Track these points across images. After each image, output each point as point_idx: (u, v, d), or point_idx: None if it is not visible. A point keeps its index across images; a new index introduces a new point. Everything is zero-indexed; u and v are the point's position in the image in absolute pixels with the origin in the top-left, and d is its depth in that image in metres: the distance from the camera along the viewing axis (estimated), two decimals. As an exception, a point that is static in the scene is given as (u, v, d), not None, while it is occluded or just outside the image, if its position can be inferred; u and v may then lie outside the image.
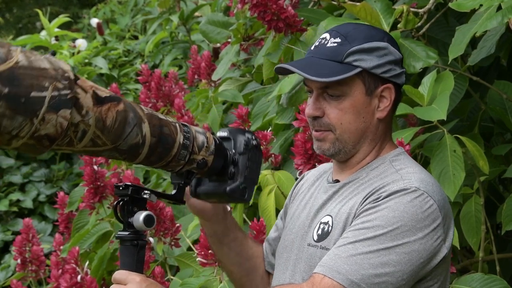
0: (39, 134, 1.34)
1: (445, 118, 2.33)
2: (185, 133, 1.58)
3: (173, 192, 1.66)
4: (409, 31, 2.66)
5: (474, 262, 2.76)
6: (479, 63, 2.71)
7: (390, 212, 1.60)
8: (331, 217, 1.71)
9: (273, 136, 2.89)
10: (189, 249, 3.22)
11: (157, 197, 1.62)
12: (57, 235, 3.84)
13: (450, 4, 2.44)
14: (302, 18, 2.94)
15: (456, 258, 2.87)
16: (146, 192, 1.58)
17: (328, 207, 1.75)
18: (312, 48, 1.77)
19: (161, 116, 1.55)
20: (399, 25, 2.60)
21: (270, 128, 2.98)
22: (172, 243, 3.03)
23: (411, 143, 2.42)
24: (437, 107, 2.37)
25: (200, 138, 1.62)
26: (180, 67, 6.44)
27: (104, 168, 3.83)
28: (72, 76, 1.38)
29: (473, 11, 2.34)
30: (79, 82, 1.40)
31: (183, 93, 4.51)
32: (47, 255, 4.26)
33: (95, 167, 3.42)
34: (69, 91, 1.36)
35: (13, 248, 4.14)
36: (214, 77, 3.82)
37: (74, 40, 7.44)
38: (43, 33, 7.41)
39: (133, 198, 1.58)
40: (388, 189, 1.64)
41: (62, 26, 7.64)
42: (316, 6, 3.25)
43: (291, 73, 1.79)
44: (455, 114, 2.75)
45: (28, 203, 6.18)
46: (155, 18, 6.43)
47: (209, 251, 2.64)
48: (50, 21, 7.25)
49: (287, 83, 2.71)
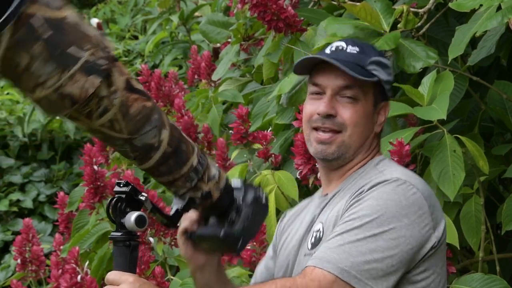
0: (63, 91, 1.34)
1: (445, 118, 2.34)
2: (200, 158, 1.56)
3: (171, 212, 1.63)
4: (409, 31, 2.66)
5: (474, 262, 2.75)
6: (479, 63, 2.71)
7: (374, 201, 1.64)
8: (322, 223, 1.74)
9: (273, 136, 2.89)
10: (188, 249, 3.22)
11: (152, 209, 1.59)
12: (57, 235, 3.83)
13: (450, 4, 2.44)
14: (302, 18, 2.94)
15: (456, 258, 2.86)
16: (144, 194, 1.57)
17: (320, 217, 1.78)
18: (327, 51, 1.80)
19: (183, 133, 1.55)
20: (399, 25, 2.60)
21: (270, 128, 2.98)
22: (172, 243, 3.03)
23: (411, 143, 2.42)
24: (437, 107, 2.37)
25: (213, 170, 1.60)
26: (180, 67, 6.43)
27: (104, 168, 3.83)
28: (112, 56, 1.39)
29: (473, 11, 2.34)
30: (117, 63, 1.41)
31: (183, 93, 4.50)
32: (47, 255, 4.25)
33: (95, 167, 3.41)
34: (106, 62, 1.37)
35: (13, 248, 4.13)
36: (214, 77, 3.82)
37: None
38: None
39: (130, 198, 1.56)
40: (371, 183, 1.68)
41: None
42: (316, 6, 3.24)
43: (307, 73, 1.82)
44: (455, 114, 2.75)
45: (28, 203, 6.18)
46: (155, 18, 6.43)
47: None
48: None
49: (287, 83, 2.71)
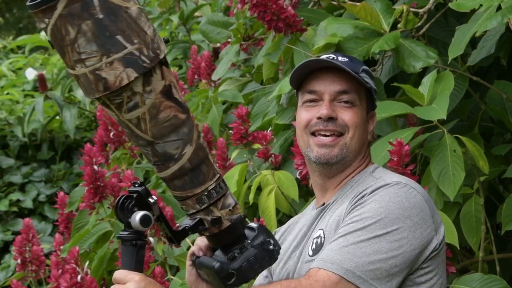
0: (100, 74, 1.37)
1: (445, 118, 2.34)
2: (218, 186, 1.56)
3: (180, 228, 1.63)
4: (409, 31, 2.66)
5: (474, 262, 2.75)
6: (479, 63, 2.71)
7: (376, 204, 1.65)
8: (322, 230, 1.75)
9: (273, 136, 2.89)
10: (189, 249, 3.22)
11: (159, 218, 1.59)
12: (57, 235, 3.83)
13: (450, 4, 2.44)
14: (302, 18, 2.94)
15: (456, 258, 2.86)
16: (154, 197, 1.57)
17: (319, 224, 1.79)
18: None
19: (211, 158, 1.55)
20: (399, 25, 2.60)
21: (270, 128, 2.98)
22: (172, 243, 3.03)
23: (411, 143, 2.42)
24: (437, 107, 2.37)
25: (230, 200, 1.59)
26: (180, 67, 6.43)
27: (104, 168, 3.83)
28: (161, 57, 1.41)
29: (473, 11, 2.34)
30: (164, 68, 1.43)
31: (183, 93, 4.51)
32: (47, 255, 4.25)
33: (95, 167, 3.41)
34: (148, 62, 1.39)
35: (13, 248, 4.13)
36: (214, 77, 3.82)
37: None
38: (43, 33, 7.40)
39: (140, 197, 1.56)
40: (372, 187, 1.70)
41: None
42: (316, 6, 3.24)
43: (297, 84, 1.82)
44: (455, 114, 2.75)
45: (28, 203, 6.18)
46: (155, 18, 6.42)
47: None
48: (50, 21, 7.24)
49: (287, 83, 2.70)
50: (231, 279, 1.62)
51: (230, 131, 3.08)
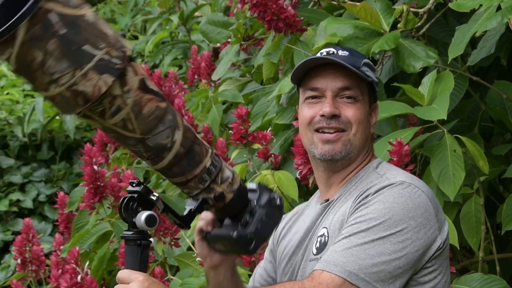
0: (76, 88, 1.35)
1: (446, 118, 2.34)
2: (213, 160, 1.56)
3: (184, 212, 1.64)
4: (409, 31, 2.66)
5: (474, 262, 2.75)
6: (479, 63, 2.71)
7: (381, 205, 1.64)
8: (326, 228, 1.74)
9: (273, 136, 2.89)
10: (189, 249, 3.22)
11: (164, 209, 1.60)
12: (57, 235, 3.83)
13: (450, 4, 2.44)
14: (302, 18, 2.94)
15: (456, 258, 2.87)
16: (155, 194, 1.57)
17: (323, 222, 1.78)
18: (321, 55, 1.81)
19: (198, 136, 1.55)
20: (399, 25, 2.60)
21: (270, 128, 2.98)
22: (172, 243, 3.03)
23: (411, 143, 2.42)
24: (438, 107, 2.37)
25: (227, 172, 1.60)
26: (180, 67, 6.43)
27: (104, 168, 3.83)
28: (128, 54, 1.40)
29: (473, 11, 2.34)
30: (133, 63, 1.42)
31: (183, 93, 4.50)
32: (47, 255, 4.25)
33: (95, 167, 3.41)
34: (120, 62, 1.38)
35: (13, 248, 4.13)
36: (214, 77, 3.82)
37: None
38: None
39: (142, 197, 1.57)
40: (376, 187, 1.69)
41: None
42: (316, 6, 3.25)
43: (298, 81, 1.82)
44: (455, 114, 2.75)
45: (28, 203, 6.18)
46: (155, 18, 6.42)
47: None
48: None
49: (287, 83, 2.71)
50: (251, 243, 1.65)
51: (230, 131, 3.08)
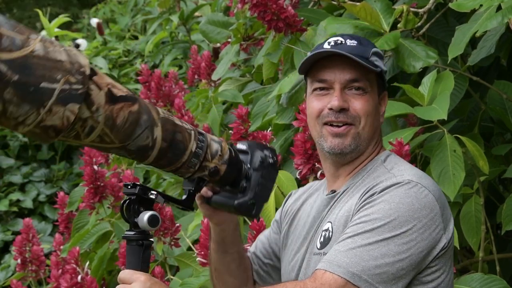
0: (45, 124, 1.34)
1: (446, 118, 2.33)
2: (198, 142, 1.56)
3: (183, 197, 1.65)
4: (409, 31, 2.66)
5: (474, 262, 2.76)
6: (479, 63, 2.71)
7: (386, 205, 1.63)
8: (331, 223, 1.73)
9: (273, 136, 2.88)
10: (189, 249, 3.22)
11: (165, 200, 1.61)
12: (57, 235, 3.84)
13: (450, 5, 2.44)
14: (302, 18, 2.94)
15: (456, 258, 2.87)
16: (153, 192, 1.58)
17: (328, 215, 1.77)
18: (326, 46, 1.77)
19: (177, 121, 1.54)
20: (399, 25, 2.60)
21: (270, 128, 2.98)
22: (172, 243, 3.03)
23: (411, 143, 2.42)
24: (438, 107, 2.37)
25: (215, 146, 1.60)
26: (180, 67, 6.44)
27: (104, 168, 3.83)
28: (88, 72, 1.37)
29: (473, 11, 2.34)
30: (95, 78, 1.39)
31: (183, 93, 4.51)
32: (47, 255, 4.25)
33: (95, 167, 3.41)
34: (81, 86, 1.35)
35: (13, 248, 4.14)
36: (214, 77, 3.82)
37: (74, 40, 7.44)
38: (43, 33, 7.41)
39: (140, 198, 1.57)
40: (382, 185, 1.68)
41: (62, 26, 7.65)
42: (316, 6, 3.25)
43: (306, 71, 1.81)
44: (455, 114, 2.75)
45: (28, 203, 6.18)
46: (155, 18, 6.43)
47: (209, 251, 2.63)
48: (50, 22, 7.25)
49: (287, 83, 2.71)
50: (253, 209, 1.66)
51: (230, 131, 3.08)
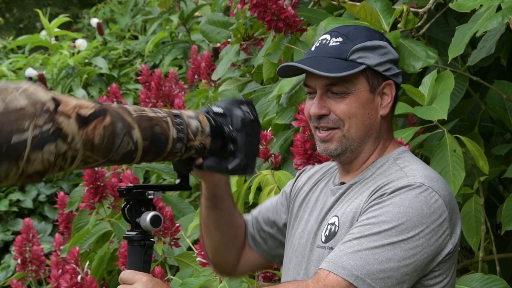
0: (28, 172, 1.33)
1: (446, 118, 2.33)
2: (177, 126, 1.56)
3: (177, 181, 1.66)
4: (409, 31, 2.66)
5: (474, 262, 2.76)
6: (479, 63, 2.71)
7: (395, 208, 1.61)
8: (338, 217, 1.72)
9: (273, 136, 2.89)
10: (189, 249, 3.22)
11: (163, 191, 1.62)
12: (57, 235, 3.84)
13: (450, 5, 2.44)
14: (302, 18, 2.94)
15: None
16: (150, 192, 1.58)
17: (335, 208, 1.76)
18: (312, 48, 1.78)
19: (151, 114, 1.52)
20: (399, 25, 2.60)
21: (270, 128, 2.98)
22: (172, 243, 3.03)
23: (411, 143, 2.42)
24: (438, 107, 2.37)
25: (194, 123, 1.59)
26: (180, 67, 6.44)
27: (104, 168, 3.83)
28: (52, 106, 1.34)
29: (473, 11, 2.34)
30: (60, 108, 1.36)
31: (183, 93, 4.51)
32: (47, 255, 4.25)
33: (95, 167, 3.42)
34: (50, 125, 1.33)
35: (13, 248, 4.14)
36: (214, 77, 3.82)
37: (74, 40, 7.44)
38: (43, 33, 7.41)
39: (139, 200, 1.58)
40: (393, 185, 1.65)
41: (62, 26, 7.64)
42: (316, 6, 3.24)
43: (294, 75, 1.80)
44: (455, 114, 2.75)
45: (28, 203, 6.18)
46: (155, 18, 6.43)
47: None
48: (50, 22, 7.25)
49: (287, 83, 2.71)
50: (247, 168, 1.67)
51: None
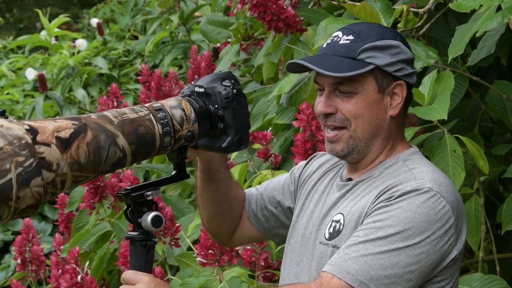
0: (21, 209, 1.33)
1: (446, 118, 2.33)
2: (161, 121, 1.54)
3: (173, 172, 1.66)
4: (409, 31, 2.66)
5: (474, 262, 2.76)
6: (479, 63, 2.71)
7: (402, 213, 1.60)
8: (343, 215, 1.70)
9: (273, 136, 2.89)
10: (189, 249, 3.22)
11: (162, 186, 1.61)
12: (57, 235, 3.84)
13: (450, 5, 2.44)
14: (302, 18, 2.94)
15: (456, 258, 2.86)
16: (148, 194, 1.57)
17: (340, 205, 1.74)
18: (324, 45, 1.77)
19: (132, 115, 1.51)
20: (399, 25, 2.60)
21: (270, 128, 2.98)
22: (172, 243, 3.03)
23: (411, 143, 2.41)
24: (438, 107, 2.37)
25: (178, 113, 1.58)
26: (180, 67, 6.44)
27: (104, 168, 3.83)
28: (30, 139, 1.33)
29: (473, 11, 2.34)
30: (38, 138, 1.35)
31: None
32: (47, 255, 4.25)
33: (95, 167, 3.41)
34: (32, 159, 1.32)
35: (13, 248, 4.14)
36: (214, 77, 3.82)
37: (74, 40, 7.44)
38: (43, 33, 7.41)
39: (140, 201, 1.57)
40: (401, 188, 1.64)
41: (62, 26, 7.64)
42: (316, 6, 3.24)
43: (303, 70, 1.79)
44: (455, 114, 2.75)
45: (28, 203, 6.17)
46: (155, 18, 6.43)
47: (209, 251, 2.64)
48: (50, 22, 7.25)
49: (287, 83, 2.71)
50: (241, 143, 1.66)
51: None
